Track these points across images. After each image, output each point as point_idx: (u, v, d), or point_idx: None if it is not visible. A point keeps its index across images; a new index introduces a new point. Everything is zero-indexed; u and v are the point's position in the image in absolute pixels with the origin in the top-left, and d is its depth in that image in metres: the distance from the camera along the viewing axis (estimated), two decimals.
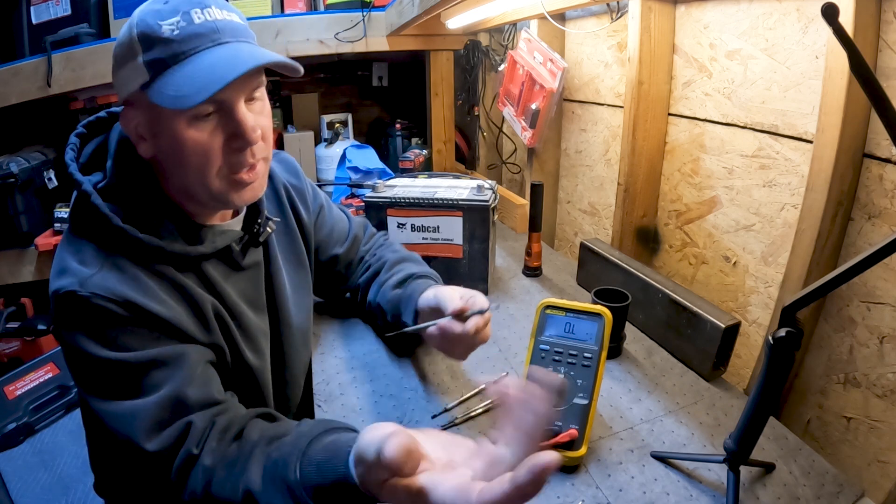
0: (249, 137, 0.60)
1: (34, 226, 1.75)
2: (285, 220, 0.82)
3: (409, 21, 1.42)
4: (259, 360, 0.73)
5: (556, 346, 0.72)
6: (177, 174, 0.62)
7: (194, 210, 0.66)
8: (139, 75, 0.56)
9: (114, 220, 0.59)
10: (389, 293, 0.87)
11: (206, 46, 0.56)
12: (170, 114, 0.57)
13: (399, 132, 2.22)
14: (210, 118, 0.58)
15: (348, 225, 1.00)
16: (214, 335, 0.65)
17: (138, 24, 0.56)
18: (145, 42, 0.55)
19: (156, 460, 0.55)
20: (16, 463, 1.23)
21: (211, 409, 0.59)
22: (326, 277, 0.96)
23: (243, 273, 0.72)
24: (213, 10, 0.58)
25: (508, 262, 1.34)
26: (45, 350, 1.62)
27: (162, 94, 0.55)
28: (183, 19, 0.56)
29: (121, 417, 0.56)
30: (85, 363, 0.57)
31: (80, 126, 0.67)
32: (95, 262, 0.58)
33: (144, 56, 0.56)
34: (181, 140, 0.58)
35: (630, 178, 1.26)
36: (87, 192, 0.59)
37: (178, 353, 0.59)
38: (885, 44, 0.75)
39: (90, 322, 0.56)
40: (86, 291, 0.55)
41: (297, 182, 0.88)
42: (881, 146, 0.78)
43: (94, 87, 1.69)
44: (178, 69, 0.56)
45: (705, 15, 1.08)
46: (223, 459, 0.55)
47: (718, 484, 0.65)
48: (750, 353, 1.05)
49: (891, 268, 0.77)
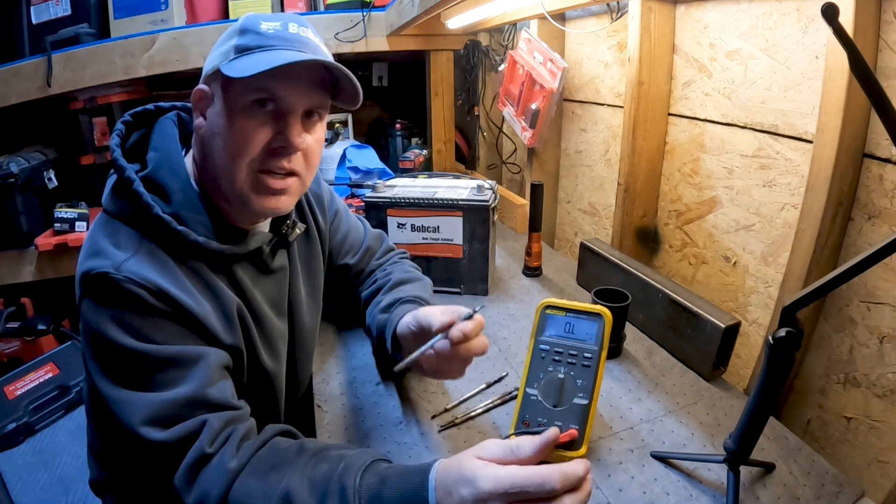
0: (293, 141, 0.62)
1: (34, 226, 1.75)
2: (306, 225, 0.83)
3: (409, 21, 1.42)
4: (275, 364, 0.73)
5: (556, 346, 0.72)
6: (213, 158, 0.63)
7: (229, 211, 0.67)
8: (226, 55, 0.61)
9: (154, 209, 0.59)
10: (378, 316, 0.85)
11: (289, 48, 0.61)
12: (233, 94, 0.60)
13: (399, 132, 2.22)
14: (264, 111, 0.61)
15: (363, 235, 0.98)
16: (236, 336, 0.65)
17: (245, 20, 0.63)
18: (242, 31, 0.62)
19: (160, 452, 0.55)
20: (16, 463, 1.23)
21: (227, 412, 0.59)
22: (335, 283, 0.96)
23: (271, 277, 0.73)
24: (308, 32, 0.65)
25: (508, 262, 1.34)
26: (45, 350, 1.62)
27: (233, 66, 0.59)
28: (281, 26, 0.63)
29: (128, 405, 0.56)
30: (105, 347, 0.57)
31: (127, 115, 0.69)
32: (131, 245, 0.58)
33: (237, 41, 0.61)
34: (231, 120, 0.61)
35: (630, 178, 1.26)
36: (129, 179, 0.60)
37: (198, 354, 0.59)
38: (885, 44, 0.75)
39: (119, 306, 0.56)
40: (120, 275, 0.55)
41: (315, 188, 0.89)
42: (881, 146, 0.78)
43: (94, 87, 1.69)
44: (258, 54, 0.60)
45: (705, 15, 1.08)
46: (253, 465, 0.55)
47: (718, 484, 0.65)
48: (750, 353, 1.05)
49: (891, 268, 0.77)
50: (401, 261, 1.01)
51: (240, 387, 0.65)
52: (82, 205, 1.73)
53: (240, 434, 0.58)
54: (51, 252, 1.69)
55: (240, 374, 0.66)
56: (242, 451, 0.56)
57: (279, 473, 0.54)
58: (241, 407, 0.61)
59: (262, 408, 0.65)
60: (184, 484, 0.55)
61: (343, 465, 0.53)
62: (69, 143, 1.99)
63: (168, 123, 0.67)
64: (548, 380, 0.70)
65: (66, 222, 1.71)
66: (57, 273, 1.73)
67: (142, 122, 0.70)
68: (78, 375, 1.46)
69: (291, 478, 0.53)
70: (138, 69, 1.64)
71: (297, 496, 0.51)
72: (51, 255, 1.71)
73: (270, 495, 0.52)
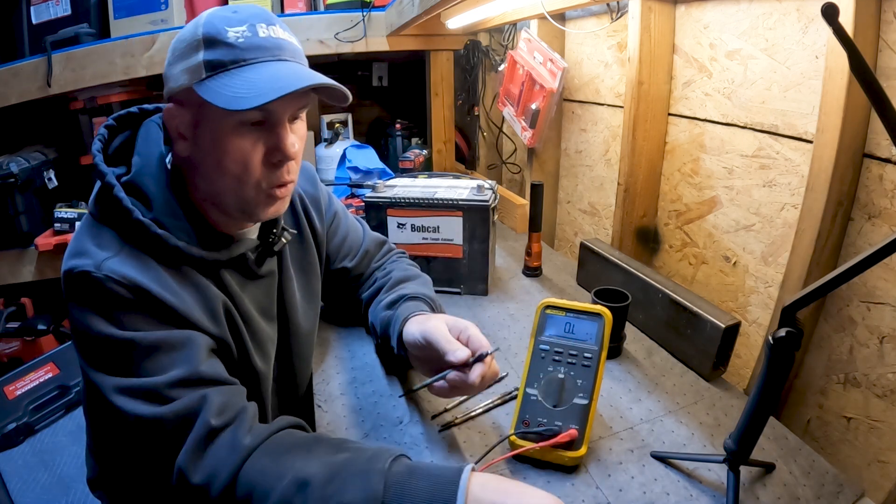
0: (289, 152, 0.61)
1: (34, 226, 1.75)
2: (299, 228, 0.82)
3: (409, 21, 1.42)
4: (265, 365, 0.73)
5: (556, 346, 0.72)
6: (211, 178, 0.62)
7: (217, 218, 0.67)
8: (195, 72, 0.57)
9: (135, 213, 0.59)
10: (381, 313, 0.85)
11: (268, 59, 0.58)
12: (217, 116, 0.58)
13: (399, 132, 2.22)
14: (254, 129, 0.60)
15: (361, 238, 0.98)
16: (222, 329, 0.65)
17: (205, 26, 0.58)
18: (209, 43, 0.57)
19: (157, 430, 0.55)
20: (16, 463, 1.22)
21: (224, 386, 0.59)
22: (334, 286, 0.96)
23: (258, 282, 0.73)
24: (277, 29, 0.60)
25: (508, 262, 1.34)
26: (45, 350, 1.62)
27: (218, 93, 0.56)
28: (249, 30, 0.58)
29: (121, 388, 0.56)
30: (92, 341, 0.57)
31: (110, 119, 0.68)
32: (113, 246, 0.58)
33: (205, 55, 0.57)
34: (224, 144, 0.59)
35: (630, 178, 1.26)
36: (110, 185, 0.60)
37: (186, 337, 0.59)
38: (885, 44, 0.75)
39: (101, 303, 0.56)
40: (100, 273, 0.56)
41: (312, 190, 0.88)
42: (881, 146, 0.78)
43: (94, 87, 1.69)
44: (237, 73, 0.57)
45: (705, 15, 1.08)
46: (268, 446, 0.55)
47: (718, 484, 0.65)
48: (750, 353, 1.05)
49: (891, 268, 0.77)
50: (399, 259, 1.00)
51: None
52: (82, 205, 1.73)
53: (251, 413, 0.58)
54: (51, 252, 1.69)
55: (230, 370, 0.66)
56: (257, 430, 0.56)
57: (295, 456, 0.53)
58: (236, 382, 0.61)
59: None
60: (190, 461, 0.53)
61: (370, 454, 0.53)
62: (69, 143, 1.99)
63: (153, 127, 0.67)
64: (548, 380, 0.70)
65: (66, 222, 1.71)
66: (57, 273, 1.71)
67: (127, 125, 0.69)
68: (78, 375, 1.46)
69: (308, 462, 0.53)
70: (138, 69, 1.64)
71: (314, 479, 0.51)
72: (51, 255, 1.71)
73: (284, 476, 0.51)
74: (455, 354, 0.67)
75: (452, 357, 0.67)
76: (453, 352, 0.67)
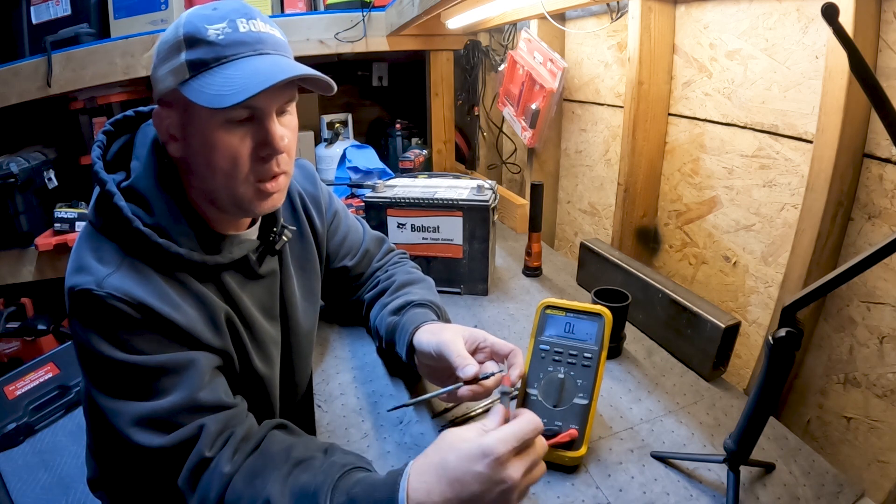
0: (277, 146, 0.61)
1: (34, 226, 1.75)
2: (299, 227, 0.82)
3: (409, 21, 1.42)
4: (268, 369, 0.73)
5: (556, 346, 0.72)
6: (203, 177, 0.62)
7: (214, 217, 0.67)
8: (179, 73, 0.58)
9: (135, 223, 0.59)
10: (387, 318, 0.85)
11: (249, 54, 0.58)
12: (205, 115, 0.58)
13: (399, 132, 2.22)
14: (242, 124, 0.60)
15: (362, 237, 0.98)
16: (224, 341, 0.65)
17: (185, 25, 0.58)
18: (190, 42, 0.57)
19: (159, 457, 0.56)
20: (16, 463, 1.22)
21: (222, 412, 0.59)
22: (334, 286, 0.96)
23: (260, 281, 0.73)
24: (258, 23, 0.60)
25: (508, 262, 1.34)
26: (45, 350, 1.62)
27: (201, 92, 0.56)
28: (229, 26, 0.58)
29: (124, 415, 0.57)
30: (95, 361, 0.58)
31: (108, 124, 0.68)
32: (113, 261, 0.58)
33: (187, 55, 0.57)
34: (212, 142, 0.59)
35: (630, 178, 1.26)
36: (110, 193, 0.60)
37: (188, 360, 0.59)
38: (885, 44, 0.75)
39: (104, 322, 0.57)
40: (102, 291, 0.56)
41: (312, 189, 0.88)
42: (881, 146, 0.78)
43: (94, 88, 1.69)
44: (219, 70, 0.57)
45: (705, 15, 1.08)
46: (243, 470, 0.56)
47: (718, 484, 0.65)
48: (750, 353, 1.05)
49: (891, 268, 0.77)
50: (402, 261, 1.00)
51: (234, 391, 0.65)
52: (82, 205, 1.73)
53: (238, 436, 0.58)
54: (51, 252, 1.69)
55: (232, 379, 0.66)
56: (238, 455, 0.57)
57: (263, 479, 0.55)
58: (236, 404, 0.62)
59: (257, 412, 0.65)
60: (187, 486, 0.56)
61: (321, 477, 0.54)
62: (69, 143, 1.99)
63: (150, 130, 0.67)
64: (548, 380, 0.70)
65: (66, 222, 1.71)
66: (57, 273, 1.73)
67: (124, 129, 0.69)
68: (78, 375, 1.46)
69: (273, 486, 0.54)
70: (138, 69, 1.64)
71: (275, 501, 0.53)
72: (51, 255, 1.71)
73: (255, 500, 0.53)
74: (465, 371, 0.68)
75: (462, 374, 0.68)
76: (463, 368, 0.68)
